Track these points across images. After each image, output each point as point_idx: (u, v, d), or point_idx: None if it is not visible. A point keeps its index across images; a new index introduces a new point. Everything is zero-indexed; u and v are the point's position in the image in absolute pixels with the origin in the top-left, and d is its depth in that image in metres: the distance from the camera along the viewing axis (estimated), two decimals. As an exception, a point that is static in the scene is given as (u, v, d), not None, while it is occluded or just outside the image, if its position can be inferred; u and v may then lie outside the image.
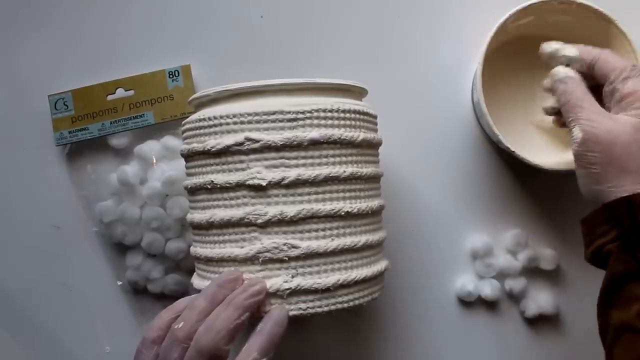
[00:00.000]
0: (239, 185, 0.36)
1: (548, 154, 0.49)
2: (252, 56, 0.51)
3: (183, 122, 0.40)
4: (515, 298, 0.50)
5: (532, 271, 0.50)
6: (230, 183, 0.36)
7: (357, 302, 0.37)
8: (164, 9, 0.51)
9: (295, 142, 0.35)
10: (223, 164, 0.36)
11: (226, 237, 0.36)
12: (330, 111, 0.36)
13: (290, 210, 0.35)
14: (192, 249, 0.40)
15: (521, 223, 0.50)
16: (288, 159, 0.35)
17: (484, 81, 0.44)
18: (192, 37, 0.51)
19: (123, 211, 0.48)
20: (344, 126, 0.37)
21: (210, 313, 0.33)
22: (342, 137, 0.36)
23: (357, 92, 0.41)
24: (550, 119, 0.48)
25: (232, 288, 0.35)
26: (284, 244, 0.35)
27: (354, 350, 0.50)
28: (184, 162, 0.41)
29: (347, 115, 0.37)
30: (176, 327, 0.33)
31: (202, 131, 0.37)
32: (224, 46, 0.51)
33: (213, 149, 0.36)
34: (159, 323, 0.34)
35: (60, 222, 0.51)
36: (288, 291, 0.35)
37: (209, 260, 0.37)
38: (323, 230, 0.36)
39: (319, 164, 0.36)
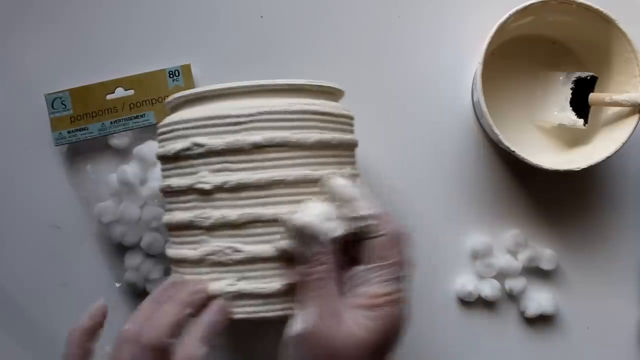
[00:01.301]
0: (190, 189, 0.36)
1: (548, 154, 0.49)
2: (252, 56, 0.51)
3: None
4: (515, 298, 0.50)
5: (532, 271, 0.50)
6: (182, 187, 0.36)
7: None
8: (165, 8, 0.51)
9: (236, 146, 0.35)
10: (177, 168, 0.37)
11: (183, 239, 0.37)
12: (277, 113, 0.35)
13: (232, 214, 0.35)
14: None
15: (521, 223, 0.50)
16: (231, 162, 0.35)
17: (484, 81, 0.44)
18: (192, 36, 0.51)
19: (122, 211, 0.48)
20: (294, 127, 0.35)
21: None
22: (288, 140, 0.35)
23: (330, 93, 0.40)
24: (549, 119, 0.48)
25: (175, 290, 0.36)
26: (228, 248, 0.35)
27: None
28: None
29: (297, 116, 0.36)
30: (124, 328, 0.35)
31: (163, 137, 0.38)
32: (224, 46, 0.51)
33: (169, 154, 0.37)
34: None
35: (60, 222, 0.51)
36: (230, 294, 0.35)
37: (172, 261, 0.39)
38: (267, 234, 0.35)
39: (263, 168, 0.35)
